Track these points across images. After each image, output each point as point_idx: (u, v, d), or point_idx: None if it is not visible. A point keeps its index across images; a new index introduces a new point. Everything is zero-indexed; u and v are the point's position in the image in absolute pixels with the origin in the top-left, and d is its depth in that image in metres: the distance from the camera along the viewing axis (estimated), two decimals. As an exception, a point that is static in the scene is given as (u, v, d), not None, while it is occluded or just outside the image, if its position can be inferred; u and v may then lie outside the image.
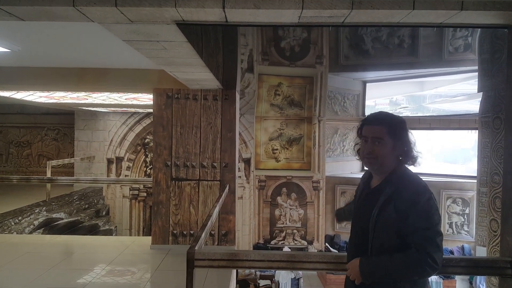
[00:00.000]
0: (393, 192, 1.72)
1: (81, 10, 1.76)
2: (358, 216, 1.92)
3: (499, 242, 3.07)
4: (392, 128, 1.79)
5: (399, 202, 1.69)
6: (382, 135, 1.77)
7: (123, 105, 7.77)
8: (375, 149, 1.78)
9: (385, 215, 1.71)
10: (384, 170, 1.82)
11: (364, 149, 1.83)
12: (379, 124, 1.81)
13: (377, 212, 1.73)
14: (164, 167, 4.38)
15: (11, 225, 6.05)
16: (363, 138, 1.85)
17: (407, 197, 1.69)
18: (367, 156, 1.81)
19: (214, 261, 2.09)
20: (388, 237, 1.71)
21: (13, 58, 3.88)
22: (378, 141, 1.78)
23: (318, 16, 1.87)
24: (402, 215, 1.67)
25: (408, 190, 1.71)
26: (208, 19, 1.92)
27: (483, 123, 6.41)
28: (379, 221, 1.72)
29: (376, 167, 1.82)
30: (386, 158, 1.79)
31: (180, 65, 3.08)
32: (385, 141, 1.77)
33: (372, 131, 1.80)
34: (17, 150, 10.69)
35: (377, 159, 1.78)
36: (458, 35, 8.40)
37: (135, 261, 4.07)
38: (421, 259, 1.62)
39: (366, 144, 1.81)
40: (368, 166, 1.87)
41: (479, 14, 1.84)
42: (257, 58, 8.25)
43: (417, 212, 1.66)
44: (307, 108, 8.93)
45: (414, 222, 1.65)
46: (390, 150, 1.78)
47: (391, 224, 1.69)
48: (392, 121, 1.83)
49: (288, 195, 9.15)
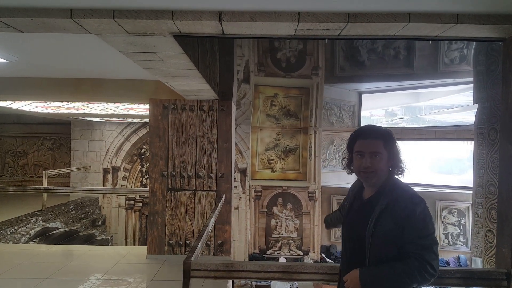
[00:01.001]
0: (389, 203, 1.73)
1: (78, 22, 1.77)
2: (351, 228, 1.89)
3: (495, 253, 3.07)
4: (387, 141, 1.81)
5: (396, 213, 1.70)
6: (379, 149, 1.78)
7: (120, 115, 7.77)
8: (373, 163, 1.78)
9: (382, 226, 1.71)
10: (379, 182, 1.82)
11: (360, 164, 1.82)
12: (376, 138, 1.81)
13: (373, 223, 1.73)
14: (160, 177, 4.37)
15: (7, 234, 5.99)
16: (357, 153, 1.84)
17: (403, 207, 1.70)
18: (365, 171, 1.80)
19: (210, 271, 2.08)
20: (385, 247, 1.72)
21: (10, 68, 3.89)
22: (375, 155, 1.78)
23: (314, 29, 1.89)
24: (399, 225, 1.69)
25: (404, 200, 1.72)
26: (205, 31, 1.94)
27: (479, 134, 6.45)
28: (376, 232, 1.72)
29: (374, 180, 1.81)
30: (383, 171, 1.80)
31: (176, 76, 3.10)
32: (382, 155, 1.79)
33: (369, 146, 1.80)
34: (13, 160, 10.64)
35: (376, 173, 1.79)
36: (454, 47, 8.50)
37: (131, 271, 4.04)
38: (421, 267, 1.65)
39: (362, 159, 1.80)
40: (364, 180, 1.85)
41: (474, 28, 1.87)
42: (253, 69, 8.31)
43: (414, 222, 1.68)
44: (303, 119, 8.96)
45: (411, 232, 1.68)
46: (385, 162, 1.80)
47: (388, 234, 1.71)
48: (386, 134, 1.83)
49: (284, 205, 9.12)
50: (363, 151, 1.81)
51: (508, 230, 2.04)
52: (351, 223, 1.91)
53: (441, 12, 1.79)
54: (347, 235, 1.92)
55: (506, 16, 1.80)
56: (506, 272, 2.01)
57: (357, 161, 1.84)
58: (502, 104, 2.14)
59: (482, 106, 6.42)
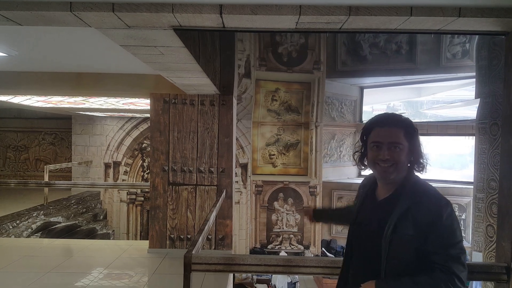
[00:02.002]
0: (410, 205, 1.50)
1: (78, 15, 1.77)
2: (363, 233, 1.64)
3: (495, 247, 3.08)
4: (408, 130, 1.59)
5: (419, 217, 1.48)
6: (400, 139, 1.56)
7: (120, 110, 7.77)
8: (393, 155, 1.55)
9: (402, 233, 1.48)
10: (397, 180, 1.59)
11: (376, 156, 1.57)
12: (395, 126, 1.58)
13: (391, 228, 1.50)
14: (162, 172, 4.38)
15: (9, 228, 6.02)
16: (373, 143, 1.60)
17: (427, 211, 1.48)
18: (384, 164, 1.56)
19: (211, 265, 2.08)
20: (405, 256, 1.49)
21: (10, 62, 3.89)
22: (395, 146, 1.55)
23: (316, 22, 1.87)
24: (422, 231, 1.47)
25: (428, 203, 1.50)
26: (205, 25, 1.93)
27: (480, 129, 6.43)
28: (394, 239, 1.49)
29: (393, 176, 1.57)
30: (403, 165, 1.57)
31: (177, 70, 3.09)
32: (403, 146, 1.56)
33: (388, 134, 1.56)
34: (15, 154, 10.66)
35: (395, 167, 1.55)
36: (456, 41, 8.45)
37: (132, 264, 4.06)
38: (448, 281, 1.43)
39: (380, 150, 1.57)
40: (382, 176, 1.60)
41: (477, 21, 1.85)
42: (255, 63, 8.28)
43: (441, 228, 1.46)
44: (304, 114, 8.95)
45: (437, 240, 1.46)
46: (406, 155, 1.57)
47: (409, 241, 1.48)
48: (407, 123, 1.61)
49: (285, 200, 9.14)
50: (380, 141, 1.57)
51: (508, 225, 2.03)
52: (362, 227, 1.66)
53: (443, 5, 1.78)
54: (357, 241, 1.68)
55: (509, 9, 1.79)
56: (506, 266, 2.01)
57: (373, 152, 1.60)
58: (504, 99, 2.13)
59: (484, 101, 6.39)
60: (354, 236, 1.70)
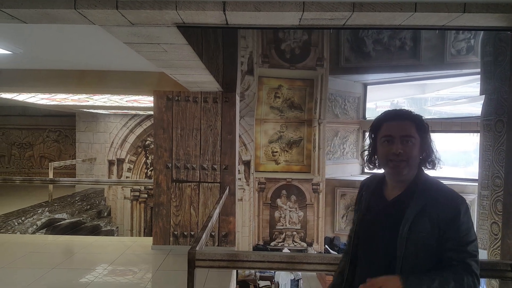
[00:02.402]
0: (426, 204, 1.46)
1: (82, 13, 1.77)
2: (373, 234, 1.57)
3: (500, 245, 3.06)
4: (420, 125, 1.54)
5: (436, 216, 1.44)
6: (412, 132, 1.51)
7: (124, 107, 7.79)
8: (406, 149, 1.49)
9: (419, 232, 1.44)
10: (409, 177, 1.54)
11: (388, 150, 1.52)
12: (407, 119, 1.54)
13: (407, 227, 1.45)
14: (165, 169, 4.39)
15: (15, 225, 6.07)
16: (384, 138, 1.54)
17: (445, 209, 1.44)
18: (396, 159, 1.50)
19: (215, 261, 2.09)
20: (421, 254, 1.45)
21: (15, 60, 3.90)
22: (408, 139, 1.50)
23: (319, 19, 1.86)
24: (439, 229, 1.43)
25: (446, 200, 1.47)
26: (209, 22, 1.93)
27: (485, 126, 6.39)
28: (411, 238, 1.44)
29: (405, 172, 1.51)
30: (416, 160, 1.52)
31: (180, 68, 3.09)
32: (415, 140, 1.51)
33: (400, 128, 1.51)
34: (19, 152, 10.72)
35: (408, 162, 1.50)
36: (461, 37, 8.39)
37: (136, 261, 4.09)
38: (470, 278, 1.41)
39: (392, 145, 1.51)
40: (394, 172, 1.54)
41: (482, 17, 1.82)
42: (257, 60, 8.26)
43: (459, 225, 1.43)
44: (307, 111, 8.93)
45: (456, 237, 1.43)
46: (418, 151, 1.53)
47: (425, 239, 1.44)
48: (418, 117, 1.56)
49: (288, 197, 9.14)
50: (392, 135, 1.52)
51: (513, 222, 2.03)
52: (373, 228, 1.58)
53: (448, 0, 1.76)
54: (367, 243, 1.59)
55: (514, 4, 1.77)
56: (511, 263, 2.00)
57: (385, 148, 1.54)
58: (509, 95, 2.11)
59: (489, 97, 6.35)
60: (363, 238, 1.61)
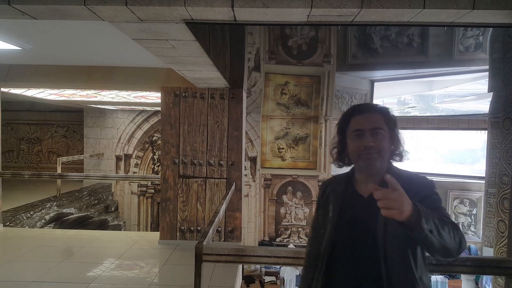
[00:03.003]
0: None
1: (92, 9, 1.78)
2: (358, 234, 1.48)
3: (506, 242, 3.06)
4: (388, 117, 1.53)
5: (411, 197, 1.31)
6: (381, 124, 1.49)
7: (132, 103, 7.84)
8: (377, 142, 1.47)
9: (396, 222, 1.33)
10: (381, 170, 1.50)
11: (359, 144, 1.49)
12: (375, 112, 1.53)
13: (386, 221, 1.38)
14: (172, 165, 4.42)
15: (23, 219, 6.16)
16: (354, 132, 1.52)
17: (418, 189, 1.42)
18: (368, 152, 1.46)
19: (222, 256, 2.11)
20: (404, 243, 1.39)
21: (24, 56, 3.94)
22: (377, 131, 1.48)
23: (327, 15, 1.86)
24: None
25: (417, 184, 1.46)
26: (217, 18, 1.94)
27: (493, 124, 6.35)
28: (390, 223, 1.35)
29: (378, 164, 1.48)
30: (387, 152, 1.51)
31: (188, 64, 3.11)
32: (385, 132, 1.49)
33: (369, 121, 1.50)
34: (28, 147, 10.84)
35: (380, 154, 1.47)
36: (469, 34, 8.30)
37: (143, 255, 4.13)
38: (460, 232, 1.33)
39: (363, 138, 1.48)
40: (367, 165, 1.50)
41: (491, 13, 1.81)
42: (264, 56, 8.25)
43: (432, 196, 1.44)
44: (314, 108, 8.91)
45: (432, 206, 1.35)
46: (388, 143, 1.51)
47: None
48: (385, 109, 1.55)
49: (294, 193, 9.15)
50: (362, 128, 1.49)
51: (520, 219, 2.02)
52: (354, 229, 1.50)
53: (457, -3, 1.76)
54: (349, 247, 1.49)
55: (524, 1, 1.76)
56: (518, 261, 2.00)
57: (355, 142, 1.51)
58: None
59: (497, 94, 6.30)
60: (345, 242, 1.51)
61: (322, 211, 1.65)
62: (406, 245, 1.39)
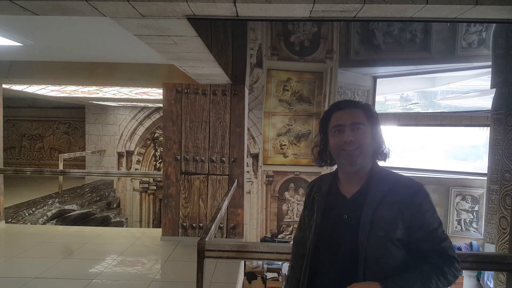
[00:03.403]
0: (387, 192, 1.41)
1: (93, 5, 1.78)
2: (337, 236, 1.45)
3: (508, 239, 3.05)
4: (368, 113, 1.51)
5: (397, 204, 1.39)
6: (361, 119, 1.47)
7: (133, 99, 7.84)
8: (356, 136, 1.44)
9: (381, 221, 1.37)
10: (364, 168, 1.49)
11: (340, 140, 1.46)
12: (355, 107, 1.51)
13: (369, 218, 1.37)
14: (174, 161, 4.42)
15: (25, 216, 6.17)
16: (335, 128, 1.49)
17: (406, 197, 1.39)
18: (348, 148, 1.44)
19: (224, 252, 2.11)
20: (385, 248, 1.37)
21: (25, 52, 3.94)
22: (358, 127, 1.46)
23: (330, 11, 1.85)
24: (402, 219, 1.37)
25: (405, 189, 1.42)
26: (219, 14, 1.93)
27: (495, 120, 6.32)
28: (373, 229, 1.36)
29: (359, 160, 1.45)
30: (369, 147, 1.47)
31: (190, 60, 3.10)
32: (366, 127, 1.47)
33: (349, 116, 1.48)
34: (30, 143, 10.87)
35: (361, 150, 1.44)
36: (472, 30, 8.26)
37: (145, 252, 4.14)
38: (450, 265, 1.35)
39: (343, 133, 1.46)
40: (348, 161, 1.46)
41: (495, 9, 1.79)
42: (266, 53, 8.23)
43: (424, 212, 1.39)
44: (316, 104, 8.89)
45: (424, 225, 1.38)
46: (370, 139, 1.48)
47: (388, 230, 1.37)
48: (366, 106, 1.53)
49: (296, 190, 9.15)
50: (342, 123, 1.47)
51: (524, 216, 2.01)
52: (334, 230, 1.47)
53: (460, -8, 1.74)
54: (330, 248, 1.46)
55: (528, -4, 1.74)
56: (520, 257, 1.99)
57: (336, 138, 1.48)
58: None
59: (499, 91, 6.26)
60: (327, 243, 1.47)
61: (308, 212, 1.62)
62: (387, 246, 1.37)
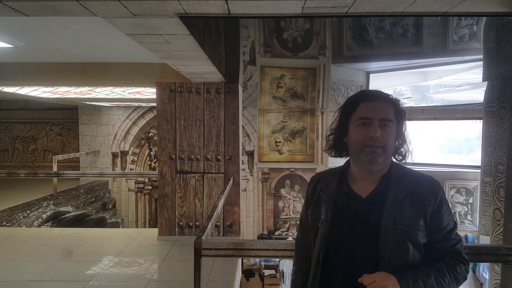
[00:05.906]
0: (408, 193, 1.33)
1: (84, 5, 1.76)
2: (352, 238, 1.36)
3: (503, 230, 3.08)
4: (398, 108, 1.38)
5: (421, 204, 1.32)
6: (391, 116, 1.34)
7: (127, 99, 7.79)
8: (384, 136, 1.32)
9: (403, 223, 1.31)
10: (383, 168, 1.39)
11: (366, 134, 1.33)
12: (387, 101, 1.37)
13: (391, 221, 1.30)
14: (169, 160, 4.41)
15: (20, 218, 6.13)
16: (360, 120, 1.36)
17: (429, 197, 1.33)
18: (372, 145, 1.31)
19: (221, 250, 2.12)
20: (408, 251, 1.31)
21: (16, 53, 3.90)
22: (386, 124, 1.33)
23: (322, 7, 1.85)
24: (424, 219, 1.32)
25: (428, 187, 1.35)
26: (211, 12, 1.92)
27: (488, 113, 6.37)
28: (396, 232, 1.29)
29: (381, 160, 1.34)
30: (391, 150, 1.37)
31: (182, 58, 3.09)
32: (393, 125, 1.35)
33: (379, 110, 1.34)
34: (23, 145, 10.77)
35: (384, 150, 1.33)
36: (463, 23, 8.31)
37: (142, 252, 4.13)
38: (462, 267, 1.33)
39: (370, 128, 1.33)
40: (369, 159, 1.35)
41: (485, 2, 1.80)
42: (259, 50, 8.22)
43: (443, 213, 1.35)
44: (310, 100, 8.90)
45: (441, 226, 1.34)
46: (394, 139, 1.38)
47: (412, 232, 1.31)
48: (397, 100, 1.40)
49: (292, 187, 9.18)
50: (370, 117, 1.33)
51: (517, 207, 2.04)
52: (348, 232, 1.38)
53: (451, -14, 1.75)
54: (343, 251, 1.38)
55: (518, -11, 1.76)
56: (514, 248, 2.02)
57: (360, 131, 1.35)
58: (512, 80, 2.11)
59: (491, 84, 6.31)
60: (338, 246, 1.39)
61: (312, 211, 1.50)
62: (409, 249, 1.32)
